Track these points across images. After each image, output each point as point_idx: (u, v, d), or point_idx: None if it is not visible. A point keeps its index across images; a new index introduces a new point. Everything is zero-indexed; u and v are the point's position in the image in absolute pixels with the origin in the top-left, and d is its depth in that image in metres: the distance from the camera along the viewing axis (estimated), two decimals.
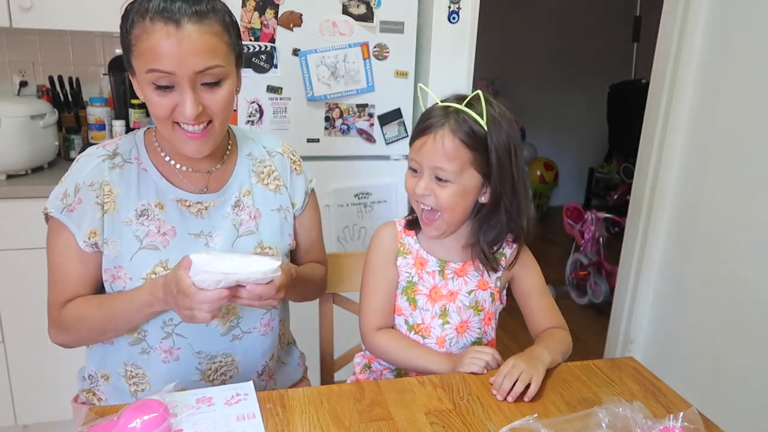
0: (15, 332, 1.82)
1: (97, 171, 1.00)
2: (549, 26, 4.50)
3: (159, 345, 1.03)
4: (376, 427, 0.86)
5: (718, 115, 1.80)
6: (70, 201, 0.99)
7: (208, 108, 0.94)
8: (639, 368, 1.06)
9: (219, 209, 1.06)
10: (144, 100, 0.96)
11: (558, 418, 0.85)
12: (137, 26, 0.90)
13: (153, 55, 0.88)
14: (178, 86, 0.91)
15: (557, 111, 4.72)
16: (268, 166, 1.13)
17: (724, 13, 1.77)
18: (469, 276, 1.09)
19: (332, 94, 1.89)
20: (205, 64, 0.90)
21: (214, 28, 0.91)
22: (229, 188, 1.08)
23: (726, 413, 1.08)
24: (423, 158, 1.00)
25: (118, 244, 0.99)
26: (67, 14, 1.85)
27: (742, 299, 1.71)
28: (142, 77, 0.92)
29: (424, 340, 1.10)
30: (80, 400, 1.13)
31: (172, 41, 0.87)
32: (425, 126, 1.00)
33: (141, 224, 1.00)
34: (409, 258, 1.10)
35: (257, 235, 1.08)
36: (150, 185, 1.02)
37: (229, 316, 1.06)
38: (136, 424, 0.75)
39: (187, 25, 0.88)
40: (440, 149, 0.97)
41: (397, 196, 2.05)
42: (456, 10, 1.93)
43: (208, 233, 1.04)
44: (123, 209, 1.00)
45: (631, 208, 2.13)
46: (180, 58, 0.88)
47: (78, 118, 2.15)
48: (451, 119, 0.98)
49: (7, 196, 1.72)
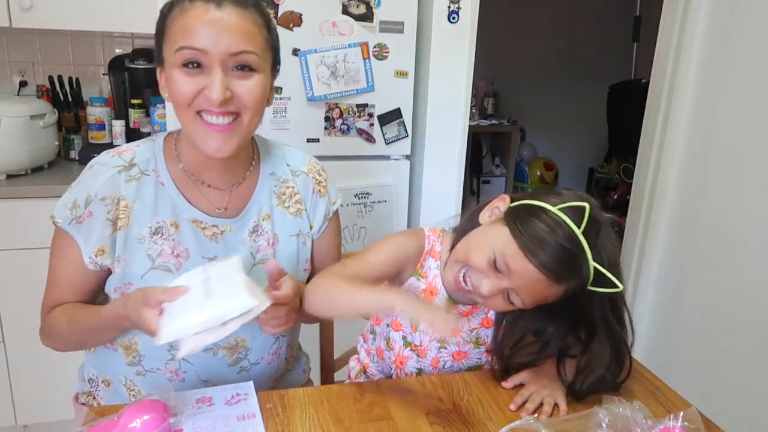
0: (15, 332, 1.82)
1: (111, 184, 0.93)
2: (549, 26, 4.50)
3: (165, 366, 1.00)
4: (376, 427, 0.86)
5: (718, 114, 1.79)
6: (79, 213, 0.93)
7: (237, 97, 0.88)
8: (639, 368, 1.06)
9: (236, 234, 1.00)
10: (167, 91, 0.90)
11: (558, 419, 0.85)
12: (176, 8, 0.87)
13: (186, 32, 0.84)
14: (207, 68, 0.85)
15: (557, 111, 4.71)
16: (291, 187, 1.06)
17: (724, 13, 1.76)
18: (474, 316, 1.04)
19: (332, 94, 1.89)
20: (241, 46, 0.85)
21: (255, 17, 0.88)
22: (248, 212, 1.02)
23: (726, 413, 1.08)
24: (513, 277, 0.87)
25: (129, 261, 0.94)
26: (67, 14, 1.85)
27: (742, 299, 1.71)
28: (171, 59, 0.86)
29: (419, 359, 1.08)
30: (80, 400, 1.13)
31: (210, 18, 0.84)
32: (547, 263, 0.84)
33: (154, 243, 0.94)
34: (422, 282, 1.03)
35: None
36: (167, 202, 0.96)
37: (238, 348, 1.02)
38: (136, 424, 0.75)
39: (228, 6, 0.85)
40: (533, 290, 0.87)
41: (397, 197, 2.05)
42: (456, 10, 1.93)
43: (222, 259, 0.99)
44: (137, 225, 0.94)
45: (631, 208, 2.12)
46: (216, 36, 0.84)
47: (78, 118, 2.15)
48: (565, 268, 0.85)
49: (7, 196, 1.72)
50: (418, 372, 1.09)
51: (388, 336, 1.09)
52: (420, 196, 2.08)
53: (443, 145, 2.04)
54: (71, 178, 1.99)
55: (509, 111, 4.53)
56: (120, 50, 2.25)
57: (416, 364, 1.09)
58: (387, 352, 1.10)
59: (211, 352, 1.00)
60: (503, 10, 4.18)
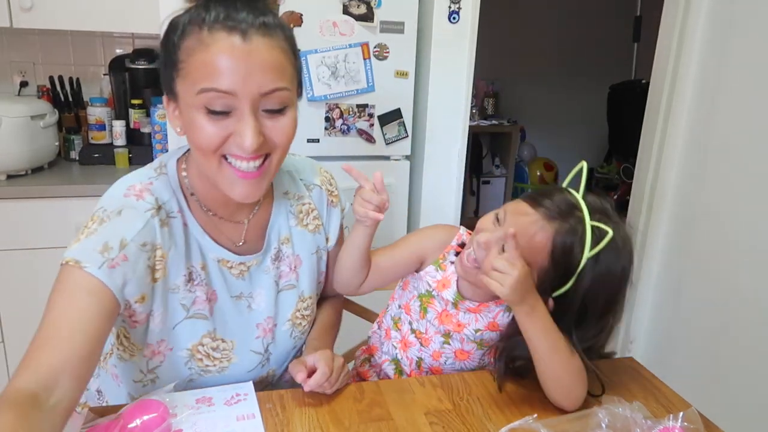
0: (15, 332, 1.82)
1: (149, 230, 0.81)
2: (549, 26, 4.50)
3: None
4: (376, 427, 0.86)
5: (718, 115, 1.79)
6: (113, 255, 0.76)
7: (269, 139, 0.79)
8: (639, 368, 1.06)
9: (259, 266, 0.95)
10: (184, 132, 0.80)
11: (558, 419, 0.85)
12: (190, 37, 0.74)
13: (210, 71, 0.73)
14: (235, 112, 0.75)
15: (557, 111, 4.71)
16: (307, 204, 1.02)
17: (724, 13, 1.76)
18: (482, 315, 1.03)
19: (332, 95, 1.89)
20: (273, 84, 0.75)
21: (281, 44, 0.77)
22: (269, 240, 0.96)
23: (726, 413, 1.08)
24: (508, 220, 0.90)
25: (161, 315, 0.85)
26: (67, 14, 1.85)
27: (741, 299, 1.71)
28: (191, 100, 0.75)
29: (422, 347, 1.08)
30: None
31: (237, 54, 0.72)
32: (541, 200, 0.88)
33: (188, 291, 0.87)
34: (439, 273, 1.04)
35: (297, 288, 1.00)
36: (194, 244, 0.88)
37: (268, 379, 1.01)
38: (136, 424, 0.75)
39: (255, 37, 0.73)
40: (528, 234, 0.87)
41: (397, 197, 2.05)
42: (456, 10, 1.93)
43: (248, 294, 0.95)
44: (172, 275, 0.85)
45: (631, 208, 2.12)
46: (245, 76, 0.73)
47: (78, 118, 2.15)
48: (566, 224, 0.85)
49: (7, 196, 1.72)
50: (418, 360, 1.09)
51: (399, 316, 1.11)
52: (420, 196, 2.08)
53: (443, 146, 2.04)
54: (71, 178, 2.00)
55: (509, 111, 4.53)
56: (120, 50, 2.25)
57: (418, 352, 1.09)
58: (394, 332, 1.11)
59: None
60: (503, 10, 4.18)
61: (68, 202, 1.76)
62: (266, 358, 0.98)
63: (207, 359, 0.90)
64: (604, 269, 0.85)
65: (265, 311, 0.96)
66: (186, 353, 0.89)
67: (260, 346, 0.96)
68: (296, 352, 1.05)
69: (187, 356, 0.90)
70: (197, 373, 0.91)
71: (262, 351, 0.97)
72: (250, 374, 0.96)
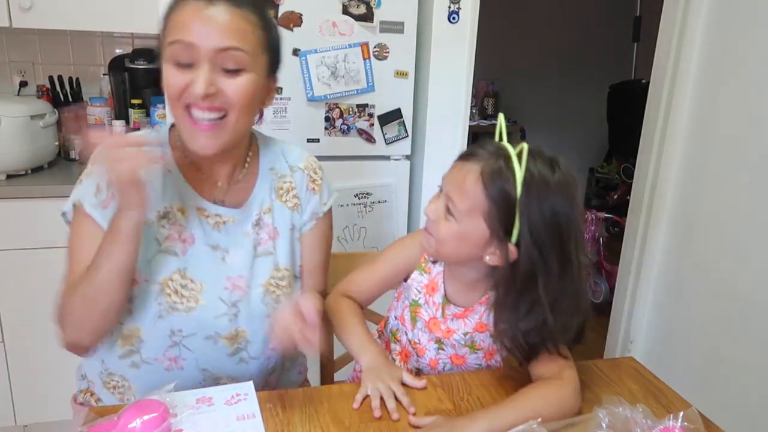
0: (15, 332, 1.82)
1: None
2: (549, 26, 4.50)
3: (164, 354, 0.99)
4: (376, 427, 0.86)
5: (718, 114, 1.80)
6: (103, 197, 0.95)
7: (224, 94, 0.89)
8: (639, 368, 1.06)
9: (239, 226, 1.02)
10: (164, 86, 0.93)
11: (561, 422, 0.84)
12: (174, 8, 0.90)
13: (179, 27, 0.87)
14: (196, 64, 0.87)
15: (557, 111, 4.71)
16: (288, 182, 1.08)
17: (724, 13, 1.77)
18: (468, 319, 1.04)
19: (332, 94, 1.89)
20: (227, 42, 0.87)
21: (248, 16, 0.89)
22: (250, 205, 1.04)
23: (726, 413, 1.08)
24: (446, 182, 0.93)
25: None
26: (67, 14, 1.85)
27: (741, 299, 1.71)
28: (165, 54, 0.89)
29: (418, 358, 1.08)
30: (78, 400, 1.12)
31: (201, 14, 0.86)
32: (467, 152, 0.93)
33: (162, 227, 0.97)
34: (425, 277, 1.06)
35: (274, 256, 1.05)
36: (174, 188, 0.99)
37: (238, 338, 1.02)
38: (136, 424, 0.75)
39: (220, 4, 0.87)
40: (460, 182, 0.89)
41: (397, 197, 2.05)
42: (456, 10, 1.93)
43: (225, 248, 1.01)
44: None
45: (631, 208, 2.12)
46: (205, 32, 0.86)
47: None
48: (491, 160, 0.88)
49: (7, 196, 1.72)
50: (417, 371, 1.09)
51: (396, 327, 1.11)
52: (420, 196, 2.08)
53: (443, 146, 2.04)
54: (71, 178, 1.99)
55: (509, 111, 4.50)
56: (120, 50, 2.25)
57: (416, 363, 1.09)
58: (393, 344, 1.12)
59: (212, 341, 1.01)
60: (503, 10, 4.18)
61: None
62: (234, 313, 1.01)
63: (175, 295, 0.96)
64: (545, 208, 0.85)
65: (239, 269, 1.01)
66: (157, 287, 0.96)
67: (228, 297, 1.00)
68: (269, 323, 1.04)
69: (158, 290, 0.96)
70: (165, 309, 0.96)
71: (229, 303, 1.00)
72: (216, 321, 0.99)
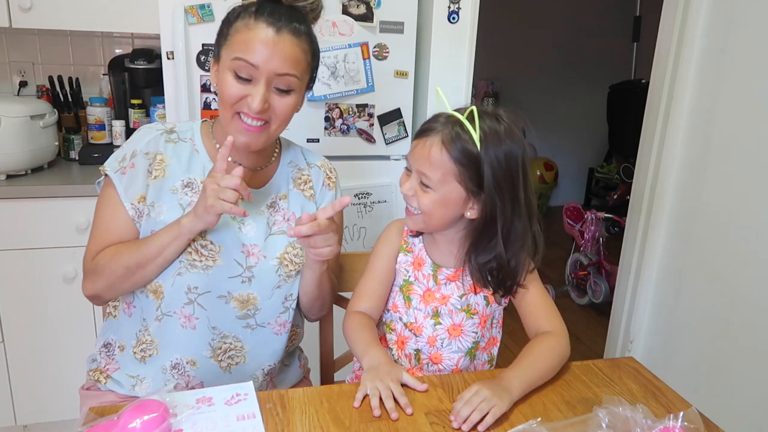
0: (15, 332, 1.82)
1: (154, 142, 1.08)
2: (549, 26, 4.51)
3: (180, 310, 1.06)
4: (376, 427, 0.86)
5: (718, 115, 1.80)
6: (125, 164, 1.07)
7: (272, 109, 1.02)
8: (639, 368, 1.06)
9: (254, 205, 1.12)
10: (216, 86, 1.05)
11: (561, 422, 0.84)
12: (241, 20, 1.00)
13: (245, 46, 0.98)
14: (255, 80, 0.99)
15: (557, 111, 4.72)
16: (306, 175, 1.20)
17: (724, 13, 1.77)
18: (461, 281, 1.09)
19: (332, 94, 1.89)
20: (286, 69, 0.99)
21: (304, 46, 1.02)
22: (268, 189, 1.15)
23: (726, 413, 1.08)
24: (413, 160, 1.01)
25: (163, 208, 1.06)
26: (67, 14, 1.85)
27: (741, 299, 1.71)
28: (227, 63, 1.00)
29: (417, 338, 1.10)
30: (86, 386, 1.16)
31: (268, 40, 0.97)
32: (423, 129, 1.01)
33: (185, 194, 1.07)
34: (409, 256, 1.12)
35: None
36: (198, 164, 1.10)
37: (249, 303, 1.10)
38: (136, 424, 0.75)
39: (285, 34, 0.98)
40: (426, 156, 0.97)
41: (397, 196, 2.05)
42: (456, 10, 1.93)
43: (241, 219, 1.10)
44: (171, 178, 1.07)
45: (631, 208, 2.13)
46: (268, 56, 0.97)
47: (78, 118, 2.15)
48: (447, 129, 0.97)
49: (7, 196, 1.72)
50: (416, 353, 1.10)
51: (390, 319, 1.14)
52: None
53: None
54: (71, 178, 2.01)
55: None
56: (120, 50, 2.26)
57: (414, 344, 1.10)
58: (389, 335, 1.14)
59: (224, 300, 1.08)
60: (503, 10, 4.19)
61: (68, 202, 1.76)
62: (248, 277, 1.09)
63: (195, 254, 1.05)
64: (500, 155, 0.96)
65: (254, 239, 1.10)
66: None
67: (243, 260, 1.09)
68: (282, 296, 1.14)
69: None
70: (185, 266, 1.05)
71: (244, 266, 1.09)
72: (230, 281, 1.08)
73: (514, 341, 2.32)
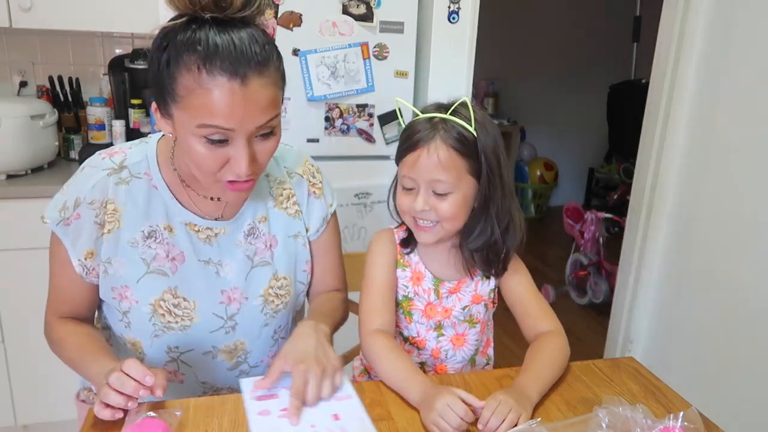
0: (15, 332, 1.82)
1: (100, 188, 0.93)
2: (549, 26, 4.50)
3: (164, 366, 1.00)
4: (376, 427, 0.86)
5: (718, 115, 1.79)
6: (67, 214, 0.92)
7: (259, 158, 0.87)
8: (639, 368, 1.06)
9: (230, 237, 1.00)
10: (181, 149, 0.88)
11: (561, 422, 0.84)
12: (187, 72, 0.78)
13: (209, 111, 0.79)
14: (232, 141, 0.83)
15: (557, 111, 4.71)
16: (288, 189, 1.06)
17: (724, 13, 1.76)
18: (462, 292, 1.07)
19: (332, 94, 1.89)
20: (267, 118, 0.83)
21: (273, 76, 0.83)
22: (243, 214, 1.01)
23: (726, 413, 1.08)
24: (419, 174, 0.96)
25: (123, 264, 0.94)
26: (67, 14, 1.85)
27: (742, 299, 1.71)
28: (190, 129, 0.82)
29: (419, 352, 1.09)
30: (81, 397, 1.13)
31: (236, 99, 0.78)
32: (415, 141, 0.96)
33: (148, 247, 0.94)
34: (407, 271, 1.08)
35: (272, 266, 1.04)
36: (159, 205, 0.96)
37: (237, 352, 1.03)
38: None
39: (253, 80, 0.79)
40: (436, 161, 0.94)
41: None
42: (456, 10, 1.93)
43: (218, 261, 0.99)
44: (128, 229, 0.94)
45: (631, 208, 2.12)
46: (243, 116, 0.80)
47: (78, 118, 2.15)
48: (441, 129, 0.95)
49: (7, 196, 1.72)
50: (420, 366, 1.09)
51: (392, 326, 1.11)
52: None
53: None
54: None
55: (509, 111, 4.52)
56: (120, 50, 2.25)
57: (418, 358, 1.09)
58: None
59: (210, 355, 1.01)
60: (503, 10, 4.19)
61: None
62: (231, 326, 1.01)
63: (168, 315, 0.95)
64: (490, 141, 0.97)
65: (234, 281, 1.00)
66: (149, 308, 0.95)
67: (223, 312, 1.00)
68: (270, 332, 1.06)
69: (150, 311, 0.96)
70: (161, 329, 0.96)
71: (225, 317, 1.00)
72: (213, 335, 0.99)
73: (514, 341, 2.32)
